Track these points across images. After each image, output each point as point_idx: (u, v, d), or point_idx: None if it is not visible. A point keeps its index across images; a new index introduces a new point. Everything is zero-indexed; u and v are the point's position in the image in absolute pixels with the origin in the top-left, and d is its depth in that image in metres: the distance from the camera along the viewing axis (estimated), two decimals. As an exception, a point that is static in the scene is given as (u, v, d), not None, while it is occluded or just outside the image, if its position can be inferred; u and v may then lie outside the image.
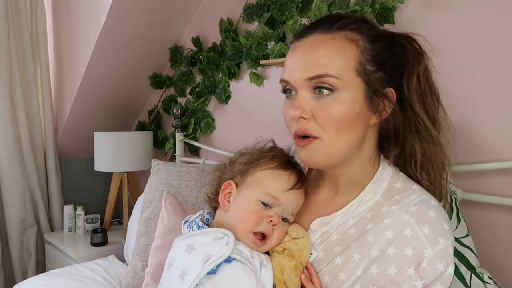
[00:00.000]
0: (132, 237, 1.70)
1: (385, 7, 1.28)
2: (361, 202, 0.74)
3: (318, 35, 0.70)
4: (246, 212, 0.73)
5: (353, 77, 0.68)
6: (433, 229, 0.66)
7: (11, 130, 2.04)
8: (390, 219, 0.69)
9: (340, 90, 0.67)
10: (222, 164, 0.82)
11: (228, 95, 1.89)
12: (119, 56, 2.03)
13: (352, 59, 0.68)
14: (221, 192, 0.77)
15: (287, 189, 0.74)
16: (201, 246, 0.68)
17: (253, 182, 0.75)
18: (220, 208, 0.78)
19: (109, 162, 2.03)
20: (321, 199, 0.80)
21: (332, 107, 0.67)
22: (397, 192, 0.73)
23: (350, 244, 0.71)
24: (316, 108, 0.68)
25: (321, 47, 0.68)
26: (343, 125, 0.68)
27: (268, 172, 0.75)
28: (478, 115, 1.14)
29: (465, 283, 0.96)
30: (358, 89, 0.68)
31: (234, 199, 0.75)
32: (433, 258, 0.65)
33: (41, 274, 1.63)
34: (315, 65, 0.67)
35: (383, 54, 0.70)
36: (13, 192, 2.08)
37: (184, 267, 0.67)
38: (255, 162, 0.77)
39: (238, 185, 0.76)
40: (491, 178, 1.12)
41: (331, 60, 0.67)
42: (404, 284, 0.65)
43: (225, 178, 0.79)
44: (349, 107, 0.67)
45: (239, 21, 1.81)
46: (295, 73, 0.70)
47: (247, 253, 0.68)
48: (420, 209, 0.68)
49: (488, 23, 1.11)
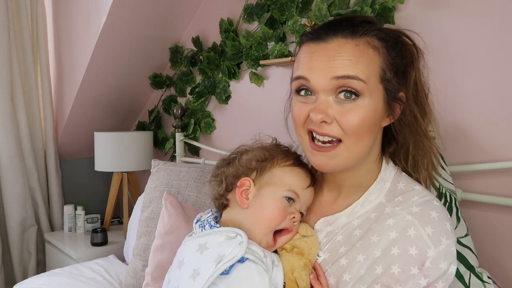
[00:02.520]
0: (132, 237, 1.70)
1: (385, 7, 1.28)
2: (365, 203, 0.75)
3: (341, 40, 0.68)
4: (273, 209, 0.72)
5: (377, 84, 0.68)
6: (436, 229, 0.67)
7: (12, 130, 2.04)
8: (394, 219, 0.70)
9: (365, 95, 0.67)
10: (224, 161, 0.81)
11: (228, 95, 1.89)
12: (119, 56, 2.03)
13: (376, 66, 0.68)
14: (237, 189, 0.75)
15: (307, 186, 0.75)
16: (213, 246, 0.67)
17: (272, 178, 0.75)
18: (231, 206, 0.77)
19: (109, 162, 2.03)
20: (324, 200, 0.81)
21: (356, 113, 0.67)
22: (400, 193, 0.74)
23: (355, 245, 0.72)
24: (339, 112, 0.67)
25: (348, 52, 0.67)
26: (364, 131, 0.68)
27: (287, 169, 0.75)
28: (478, 115, 1.14)
29: (464, 283, 0.96)
30: (380, 95, 0.69)
31: (255, 197, 0.74)
32: (437, 257, 0.66)
33: (41, 274, 1.64)
34: (343, 67, 0.66)
35: (398, 59, 0.70)
36: (13, 192, 2.08)
37: (196, 267, 0.66)
38: (271, 159, 0.76)
39: (255, 182, 0.75)
40: (491, 178, 1.13)
41: (359, 64, 0.66)
42: (408, 283, 0.66)
43: (237, 175, 0.76)
44: (372, 113, 0.68)
45: (239, 21, 1.81)
46: (319, 73, 0.68)
47: (260, 252, 0.68)
48: (422, 209, 0.69)
49: (488, 22, 1.11)
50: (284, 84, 1.62)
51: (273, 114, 1.70)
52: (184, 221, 1.19)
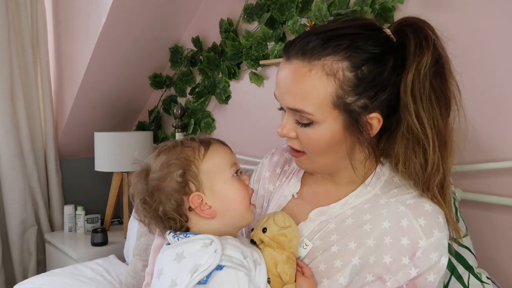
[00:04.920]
0: (132, 237, 1.70)
1: (385, 7, 1.28)
2: (359, 194, 0.76)
3: (299, 62, 0.68)
4: (237, 192, 0.72)
5: (330, 111, 0.67)
6: (429, 221, 0.68)
7: (12, 130, 2.05)
8: (388, 210, 0.71)
9: (318, 123, 0.69)
10: (145, 208, 0.74)
11: (228, 95, 1.89)
12: (119, 56, 2.03)
13: (328, 94, 0.66)
14: (196, 209, 0.70)
15: (231, 152, 0.77)
16: (190, 255, 0.66)
17: (209, 174, 0.71)
18: (195, 221, 0.72)
19: (109, 162, 2.03)
20: (320, 191, 0.81)
21: (311, 136, 0.70)
22: (395, 185, 0.75)
23: (347, 233, 0.72)
24: (298, 132, 0.72)
25: (299, 79, 0.68)
26: (323, 151, 0.72)
27: (208, 156, 0.72)
28: (478, 115, 1.14)
29: (463, 283, 0.96)
30: (336, 120, 0.68)
31: (214, 200, 0.70)
32: (428, 248, 0.66)
33: (41, 274, 1.64)
34: (294, 96, 0.69)
35: (370, 76, 0.66)
36: (13, 192, 2.08)
37: (174, 277, 0.65)
38: (189, 162, 0.71)
39: (199, 190, 0.70)
40: (491, 178, 1.13)
41: (307, 96, 0.67)
42: (399, 272, 0.66)
43: (178, 204, 0.70)
44: (328, 137, 0.70)
45: (239, 21, 1.81)
46: (282, 96, 0.72)
47: (238, 256, 0.66)
48: (417, 202, 0.70)
49: (488, 22, 1.11)
50: (284, 84, 1.62)
51: (273, 114, 1.70)
52: (184, 221, 1.19)
